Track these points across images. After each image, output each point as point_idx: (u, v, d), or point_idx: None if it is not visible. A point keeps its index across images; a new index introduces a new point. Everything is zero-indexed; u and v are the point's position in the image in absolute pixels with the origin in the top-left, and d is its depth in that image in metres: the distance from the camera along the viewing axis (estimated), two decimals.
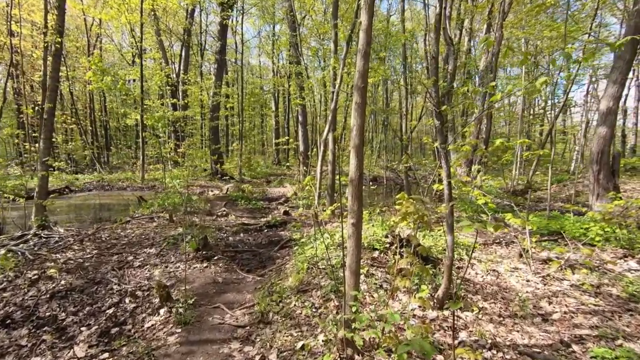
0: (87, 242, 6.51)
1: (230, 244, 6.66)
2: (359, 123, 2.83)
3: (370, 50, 2.87)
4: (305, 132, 14.80)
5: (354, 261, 2.83)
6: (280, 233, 7.52)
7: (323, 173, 8.62)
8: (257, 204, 10.58)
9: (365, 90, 2.88)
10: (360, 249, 2.86)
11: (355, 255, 2.83)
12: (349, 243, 2.86)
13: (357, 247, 2.83)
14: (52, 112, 7.21)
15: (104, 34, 24.28)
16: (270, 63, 31.69)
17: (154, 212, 9.08)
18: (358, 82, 2.85)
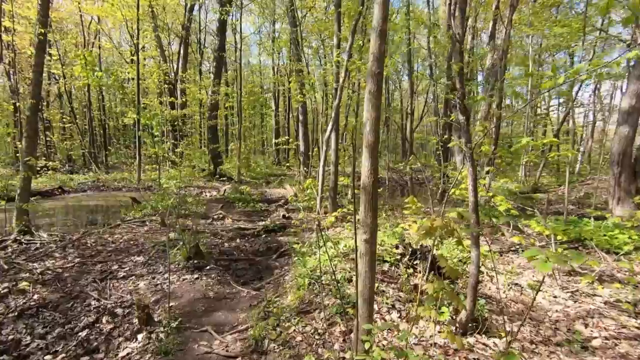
0: (71, 249, 5.97)
1: (225, 251, 6.12)
2: (374, 116, 2.29)
3: (387, 28, 2.33)
4: (306, 131, 14.26)
5: (367, 286, 2.29)
6: (279, 238, 6.98)
7: (325, 174, 8.10)
8: (255, 206, 10.04)
9: (382, 77, 2.33)
10: (374, 272, 2.32)
11: (368, 279, 2.29)
12: (361, 264, 2.32)
13: (371, 269, 2.29)
14: (35, 109, 6.66)
15: (102, 32, 23.74)
16: (270, 62, 31.19)
17: (147, 215, 8.55)
18: (372, 67, 2.31)
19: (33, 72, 6.65)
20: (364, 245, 2.30)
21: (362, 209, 2.33)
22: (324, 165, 5.64)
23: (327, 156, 6.39)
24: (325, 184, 9.69)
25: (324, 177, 5.64)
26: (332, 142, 7.82)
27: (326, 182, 11.60)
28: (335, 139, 7.06)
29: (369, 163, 2.30)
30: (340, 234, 6.49)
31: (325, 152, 5.64)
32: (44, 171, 15.44)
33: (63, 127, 25.43)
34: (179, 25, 21.30)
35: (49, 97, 26.17)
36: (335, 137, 7.09)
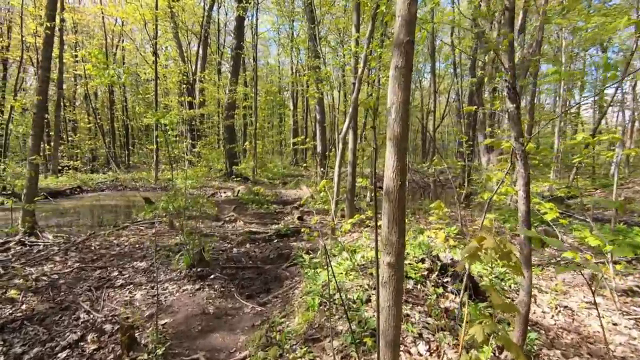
0: (73, 252, 5.64)
1: (232, 257, 5.64)
2: (402, 98, 1.70)
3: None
4: (323, 130, 13.70)
5: (392, 325, 1.71)
6: (291, 244, 6.45)
7: (342, 174, 7.51)
8: (269, 207, 9.56)
9: (412, 47, 1.74)
10: (400, 307, 1.73)
11: (393, 316, 1.70)
12: (383, 295, 1.73)
13: (397, 302, 1.70)
14: (42, 106, 6.41)
15: (125, 34, 24.02)
16: (288, 63, 30.84)
17: (157, 216, 8.21)
18: (400, 33, 1.72)
19: (40, 68, 6.40)
20: (388, 270, 1.72)
21: (385, 222, 1.74)
22: (340, 165, 5.07)
23: (344, 156, 5.80)
24: (343, 185, 9.12)
25: (340, 178, 5.07)
26: (350, 140, 7.23)
27: (343, 184, 10.97)
28: (354, 137, 6.48)
29: (394, 161, 1.72)
30: (357, 241, 5.89)
31: (342, 151, 5.06)
32: (65, 170, 15.56)
33: (89, 128, 25.95)
34: (198, 26, 21.24)
35: (75, 98, 26.79)
36: (354, 135, 6.50)
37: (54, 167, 15.46)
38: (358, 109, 5.31)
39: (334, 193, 5.13)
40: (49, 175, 14.95)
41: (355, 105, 4.92)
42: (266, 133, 27.23)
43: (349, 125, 4.98)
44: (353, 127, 7.27)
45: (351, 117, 4.98)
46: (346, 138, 5.85)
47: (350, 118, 4.98)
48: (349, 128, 5.00)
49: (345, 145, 6.83)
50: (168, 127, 11.82)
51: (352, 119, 4.94)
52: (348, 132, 6.90)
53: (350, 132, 7.31)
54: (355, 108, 4.92)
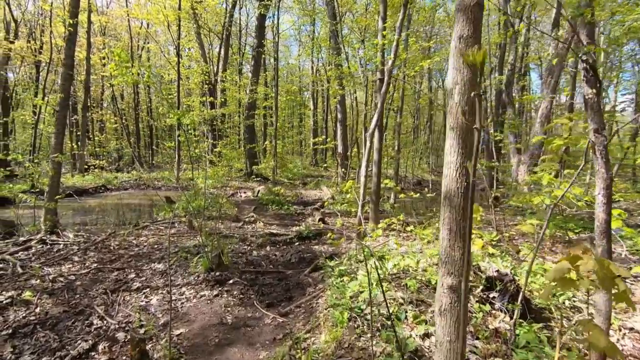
0: (92, 252, 5.52)
1: (252, 261, 5.36)
2: (469, 76, 1.33)
3: None
4: (344, 130, 13.32)
5: None
6: (314, 248, 6.12)
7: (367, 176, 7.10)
8: (289, 208, 9.28)
9: (481, 11, 1.36)
10: (465, 341, 1.36)
11: (456, 354, 1.32)
12: (442, 326, 1.36)
13: (460, 337, 1.32)
14: (64, 105, 6.35)
15: (150, 36, 24.45)
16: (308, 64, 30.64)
17: (177, 216, 8.08)
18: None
19: (63, 66, 6.35)
20: (449, 295, 1.34)
21: (445, 234, 1.37)
22: (366, 166, 4.69)
23: (370, 155, 5.42)
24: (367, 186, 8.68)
25: (367, 179, 4.69)
26: (375, 139, 6.84)
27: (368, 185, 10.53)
28: (379, 135, 6.10)
29: (458, 156, 1.35)
30: (384, 246, 5.49)
31: (369, 151, 4.68)
32: (91, 169, 15.86)
33: (115, 128, 26.58)
34: (219, 27, 21.33)
35: (102, 100, 27.53)
36: (379, 134, 6.11)
37: (81, 166, 15.79)
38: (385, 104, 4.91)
39: (361, 195, 4.75)
40: (76, 174, 15.28)
41: (383, 99, 4.52)
42: (286, 133, 27.10)
43: (378, 121, 4.59)
44: (379, 127, 6.88)
45: (379, 114, 4.59)
46: (373, 136, 5.46)
47: (378, 115, 4.59)
48: (377, 125, 4.62)
49: (372, 144, 6.44)
50: (189, 126, 11.79)
51: (379, 116, 4.55)
52: (375, 130, 6.53)
53: (376, 130, 6.92)
54: (383, 103, 4.53)
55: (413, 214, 10.11)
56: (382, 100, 4.58)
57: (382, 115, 4.57)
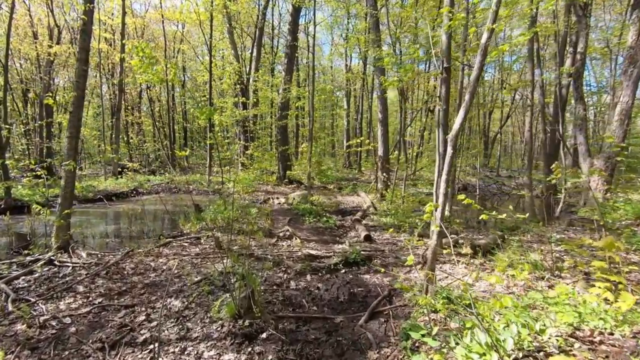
0: (101, 280, 4.55)
1: (290, 297, 4.15)
2: None
3: None
4: (385, 130, 11.90)
5: None
6: (364, 278, 4.82)
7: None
8: (328, 220, 8.04)
9: None
10: None
11: None
12: None
13: None
14: (79, 104, 5.47)
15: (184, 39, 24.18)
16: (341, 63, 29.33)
17: (203, 229, 7.07)
18: None
19: (77, 61, 5.46)
20: None
21: None
22: (447, 180, 3.34)
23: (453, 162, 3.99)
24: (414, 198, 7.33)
25: (446, 195, 3.34)
26: (439, 141, 5.45)
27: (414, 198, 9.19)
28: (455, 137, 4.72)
29: None
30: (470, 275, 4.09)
31: (452, 157, 3.33)
32: (125, 172, 15.48)
33: (152, 131, 26.64)
34: (252, 27, 20.54)
35: (140, 103, 27.72)
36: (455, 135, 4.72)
37: (114, 169, 15.45)
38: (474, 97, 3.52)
39: (437, 218, 3.41)
40: (109, 177, 14.92)
41: (473, 89, 3.16)
42: (320, 134, 25.96)
43: (464, 118, 3.22)
44: (443, 124, 5.48)
45: (465, 109, 3.23)
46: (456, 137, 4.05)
47: (465, 110, 3.23)
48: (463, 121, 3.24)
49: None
50: (216, 126, 10.88)
51: (467, 108, 3.19)
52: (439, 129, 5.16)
53: (438, 129, 5.53)
54: (472, 94, 3.16)
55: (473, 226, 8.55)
56: (472, 91, 3.21)
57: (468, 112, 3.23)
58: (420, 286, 4.25)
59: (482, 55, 3.13)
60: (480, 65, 3.15)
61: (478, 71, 3.15)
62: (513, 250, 5.46)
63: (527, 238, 6.70)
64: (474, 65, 6.63)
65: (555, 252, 5.65)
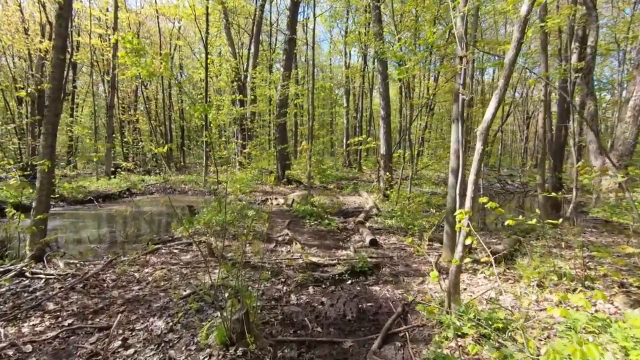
0: (76, 294, 3.98)
1: (290, 315, 3.60)
2: None
3: None
4: (388, 128, 11.34)
5: None
6: (373, 290, 4.28)
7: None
8: (330, 223, 7.49)
9: None
10: None
11: None
12: None
13: None
14: (55, 97, 4.89)
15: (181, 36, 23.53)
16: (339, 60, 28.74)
17: (196, 234, 6.51)
18: None
19: (54, 49, 4.88)
20: None
21: None
22: (475, 181, 2.79)
23: (482, 159, 3.43)
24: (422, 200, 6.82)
25: (474, 199, 2.79)
26: (454, 138, 4.95)
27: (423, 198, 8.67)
28: (485, 132, 4.22)
29: None
30: (491, 285, 3.57)
31: (481, 153, 2.78)
32: (118, 172, 14.87)
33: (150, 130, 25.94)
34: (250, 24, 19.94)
35: (136, 101, 27.05)
36: (458, 128, 4.20)
37: (107, 169, 14.83)
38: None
39: (463, 230, 2.86)
40: (102, 177, 14.30)
41: (508, 74, 2.62)
42: (319, 132, 25.40)
43: (495, 110, 2.68)
44: (458, 119, 4.96)
45: (499, 97, 2.69)
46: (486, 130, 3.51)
47: (498, 99, 2.68)
48: (495, 113, 2.71)
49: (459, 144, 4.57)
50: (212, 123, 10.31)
51: (499, 100, 2.65)
52: (455, 124, 4.64)
53: (453, 125, 5.01)
54: (507, 80, 2.62)
55: (482, 228, 8.02)
56: (506, 79, 2.66)
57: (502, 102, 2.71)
58: (438, 301, 3.72)
59: (521, 32, 2.58)
60: (517, 44, 2.60)
61: (515, 50, 2.60)
62: (534, 256, 4.93)
63: (544, 242, 6.17)
64: (493, 54, 6.03)
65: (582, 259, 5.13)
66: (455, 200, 5.02)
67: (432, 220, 7.44)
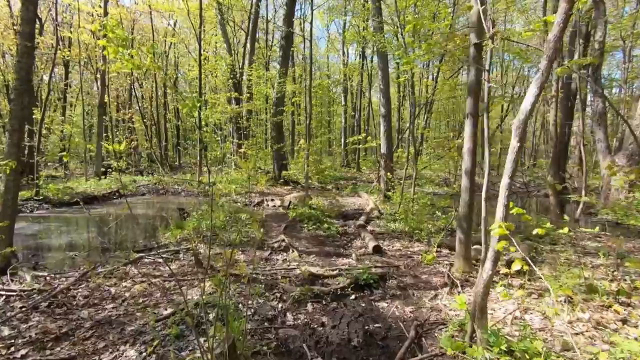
0: (39, 315, 3.42)
1: (286, 341, 3.06)
2: None
3: None
4: (389, 127, 10.83)
5: None
6: (380, 307, 3.75)
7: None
8: (330, 228, 6.95)
9: None
10: None
11: None
12: None
13: None
14: (23, 90, 4.32)
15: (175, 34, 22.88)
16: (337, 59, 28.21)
17: (185, 240, 5.95)
18: None
19: (19, 35, 4.31)
20: None
21: None
22: (510, 183, 2.28)
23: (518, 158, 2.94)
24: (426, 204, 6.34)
25: (507, 207, 2.27)
26: (467, 134, 4.43)
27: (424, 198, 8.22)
28: (471, 128, 3.70)
29: None
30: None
31: (517, 152, 2.26)
32: (109, 173, 14.23)
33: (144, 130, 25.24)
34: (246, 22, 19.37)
35: (131, 100, 26.35)
36: (471, 126, 3.70)
37: (97, 169, 14.20)
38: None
39: (494, 241, 2.33)
40: (91, 177, 13.66)
41: (553, 55, 2.12)
42: (317, 132, 24.86)
43: (535, 100, 2.17)
44: (473, 114, 4.45)
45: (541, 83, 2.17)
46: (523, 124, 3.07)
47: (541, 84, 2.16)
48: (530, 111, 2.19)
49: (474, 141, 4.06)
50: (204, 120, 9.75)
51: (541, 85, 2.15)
52: (467, 120, 4.14)
53: (467, 121, 4.49)
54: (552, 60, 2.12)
55: None
56: (552, 56, 2.14)
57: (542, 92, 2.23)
58: (457, 323, 3.19)
59: (569, 1, 2.06)
60: (566, 15, 2.07)
61: (562, 24, 2.08)
62: (553, 265, 4.43)
63: (562, 248, 5.67)
64: (517, 41, 5.43)
65: (608, 268, 4.63)
66: (469, 205, 4.52)
67: (438, 224, 6.93)
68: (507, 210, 2.35)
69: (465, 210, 4.46)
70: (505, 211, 2.33)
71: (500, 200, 2.36)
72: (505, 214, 2.34)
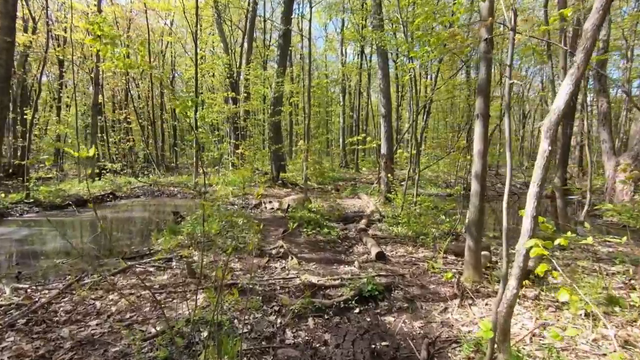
0: (14, 334, 3.11)
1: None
2: None
3: None
4: (390, 127, 10.55)
5: None
6: (387, 321, 3.47)
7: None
8: (330, 232, 6.65)
9: None
10: None
11: None
12: None
13: None
14: (3, 86, 3.99)
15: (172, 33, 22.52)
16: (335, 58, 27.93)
17: (179, 247, 5.64)
18: None
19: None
20: None
21: None
22: (539, 192, 2.01)
23: (554, 159, 2.64)
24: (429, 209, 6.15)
25: (536, 219, 1.99)
26: (477, 136, 4.16)
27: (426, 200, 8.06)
28: (482, 128, 3.43)
29: None
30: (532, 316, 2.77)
31: (548, 156, 1.98)
32: (103, 174, 13.88)
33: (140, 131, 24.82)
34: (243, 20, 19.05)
35: (127, 100, 25.96)
36: (482, 126, 3.45)
37: (92, 170, 13.84)
38: None
39: (520, 262, 2.05)
40: (84, 178, 13.31)
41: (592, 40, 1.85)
42: (316, 132, 24.59)
43: (569, 97, 1.89)
44: (483, 114, 4.18)
45: (577, 76, 1.91)
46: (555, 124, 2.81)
47: (578, 76, 1.90)
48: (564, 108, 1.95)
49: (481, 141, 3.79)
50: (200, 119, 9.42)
51: (579, 78, 1.89)
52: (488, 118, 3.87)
53: (477, 121, 4.22)
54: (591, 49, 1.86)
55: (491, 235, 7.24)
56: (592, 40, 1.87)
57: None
58: (472, 342, 2.91)
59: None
60: (605, 2, 1.80)
61: (602, 12, 1.80)
62: (568, 273, 4.16)
63: (575, 255, 5.41)
64: (534, 36, 5.15)
65: (624, 277, 4.37)
66: (480, 210, 4.25)
67: (442, 228, 6.66)
68: (536, 223, 2.07)
69: (475, 216, 4.18)
70: (534, 224, 2.05)
71: (527, 212, 2.08)
72: (534, 226, 2.06)
